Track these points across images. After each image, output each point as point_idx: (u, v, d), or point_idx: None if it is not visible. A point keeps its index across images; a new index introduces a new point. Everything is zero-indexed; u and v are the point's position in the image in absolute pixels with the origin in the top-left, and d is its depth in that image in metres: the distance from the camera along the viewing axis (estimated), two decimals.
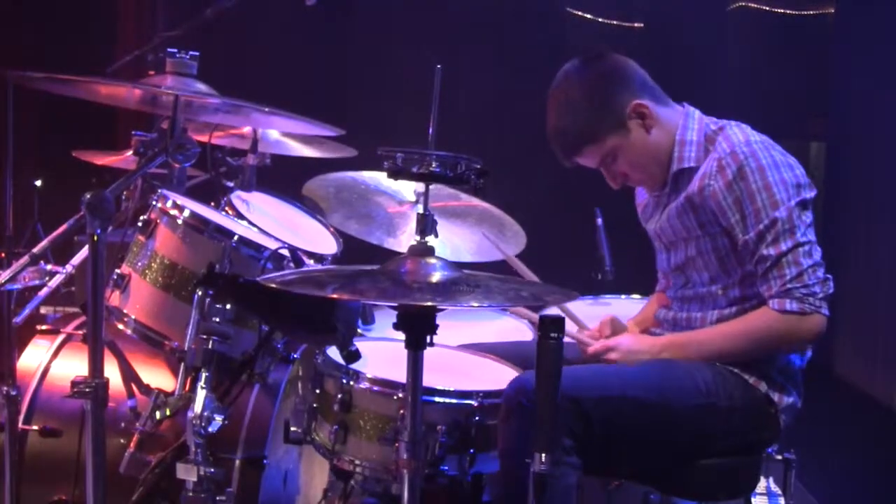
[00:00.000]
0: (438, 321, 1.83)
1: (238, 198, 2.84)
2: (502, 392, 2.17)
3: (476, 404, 2.21)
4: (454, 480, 2.21)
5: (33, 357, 2.70)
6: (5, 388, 2.45)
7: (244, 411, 2.54)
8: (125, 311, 2.39)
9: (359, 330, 2.66)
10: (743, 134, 2.28)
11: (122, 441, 2.41)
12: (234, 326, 2.25)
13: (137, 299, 2.39)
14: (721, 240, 2.28)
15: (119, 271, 2.42)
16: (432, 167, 1.83)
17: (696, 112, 2.38)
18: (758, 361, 2.27)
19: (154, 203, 2.43)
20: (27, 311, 2.54)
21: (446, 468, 2.19)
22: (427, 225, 1.87)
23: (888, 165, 5.10)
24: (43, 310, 3.10)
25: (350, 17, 5.41)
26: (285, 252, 2.39)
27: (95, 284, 2.00)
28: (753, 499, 2.48)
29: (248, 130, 2.98)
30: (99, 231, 1.99)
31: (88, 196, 1.99)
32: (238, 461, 2.49)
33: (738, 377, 2.27)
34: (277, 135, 3.13)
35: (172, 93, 2.32)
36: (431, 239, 1.87)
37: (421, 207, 1.93)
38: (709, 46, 5.34)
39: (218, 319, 2.20)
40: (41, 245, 2.26)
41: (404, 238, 2.95)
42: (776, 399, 2.28)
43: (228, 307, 2.21)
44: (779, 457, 2.59)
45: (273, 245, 2.43)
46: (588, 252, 3.09)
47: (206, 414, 2.13)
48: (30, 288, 2.58)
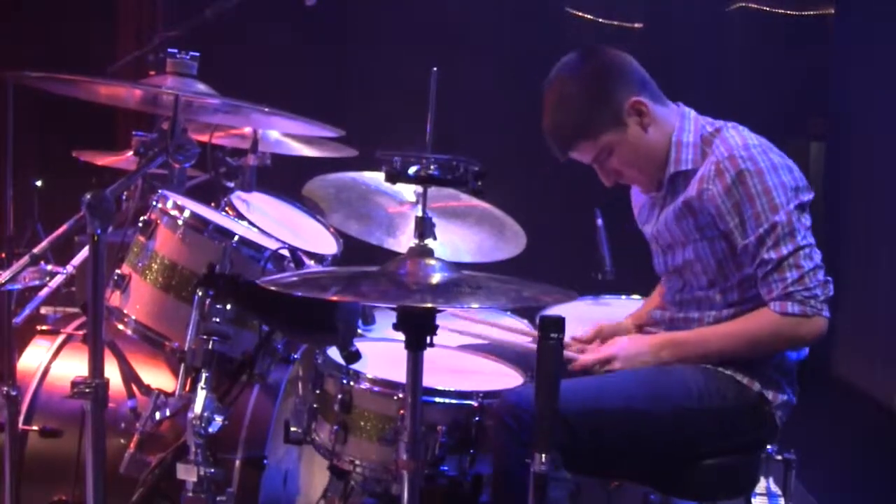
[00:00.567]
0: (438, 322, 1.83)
1: (238, 198, 2.84)
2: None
3: (476, 405, 2.21)
4: (454, 481, 2.21)
5: (33, 357, 2.70)
6: (5, 389, 2.45)
7: (244, 412, 2.54)
8: (125, 312, 2.38)
9: (359, 330, 2.66)
10: (741, 137, 2.25)
11: (123, 441, 2.41)
12: (235, 327, 2.25)
13: (138, 299, 2.39)
14: (719, 243, 2.27)
15: (119, 271, 2.42)
16: (430, 170, 1.83)
17: (692, 112, 2.36)
18: (750, 360, 2.26)
19: (154, 203, 2.42)
20: (27, 312, 2.55)
21: (446, 468, 2.19)
22: (426, 228, 1.87)
23: (888, 165, 5.09)
24: (43, 310, 3.10)
25: (350, 17, 5.41)
26: (285, 252, 2.39)
27: (96, 285, 2.00)
28: (753, 499, 2.48)
29: (249, 131, 2.98)
30: (99, 231, 1.99)
31: (89, 196, 1.99)
32: (238, 461, 2.49)
33: (731, 378, 2.26)
34: (278, 135, 3.13)
35: (173, 93, 2.32)
36: (430, 241, 1.87)
37: (420, 209, 1.93)
38: (709, 47, 5.33)
39: (218, 320, 2.20)
40: (41, 245, 2.25)
41: (404, 238, 2.95)
42: (770, 397, 2.27)
43: (228, 307, 2.21)
44: (778, 457, 2.59)
45: (273, 245, 2.43)
46: (588, 252, 3.08)
47: (207, 414, 2.13)
48: (30, 288, 2.59)
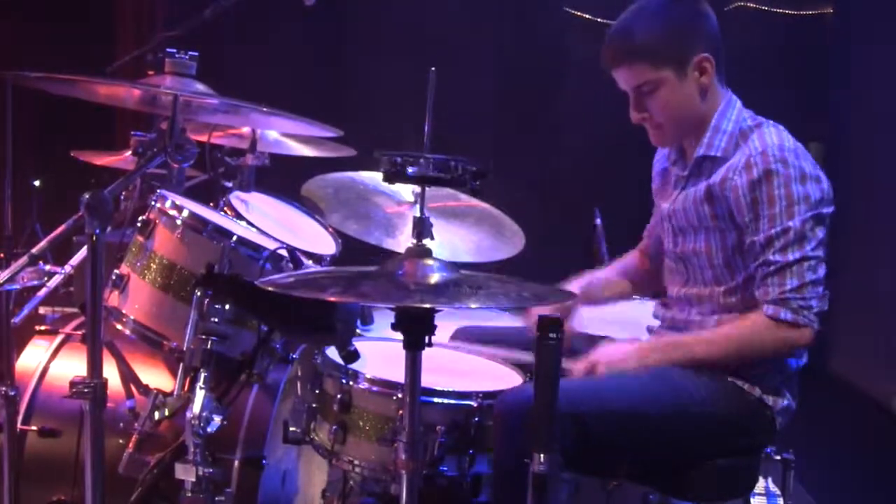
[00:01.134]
0: (437, 321, 1.83)
1: (237, 198, 2.84)
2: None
3: (475, 405, 2.21)
4: (453, 481, 2.21)
5: (32, 357, 2.69)
6: (4, 389, 2.45)
7: (243, 411, 2.54)
8: (124, 312, 2.38)
9: (358, 330, 2.65)
10: (778, 137, 2.23)
11: (121, 441, 2.41)
12: (233, 327, 2.25)
13: (136, 299, 2.38)
14: (730, 236, 2.24)
15: (118, 271, 2.42)
16: (428, 170, 1.82)
17: (738, 102, 2.33)
18: (751, 367, 2.25)
19: (153, 203, 2.42)
20: (26, 312, 2.55)
21: (445, 469, 2.19)
22: (423, 228, 1.86)
23: (888, 165, 5.09)
24: (42, 310, 3.10)
25: (349, 17, 5.41)
26: (284, 252, 2.39)
27: (94, 285, 2.00)
28: (752, 499, 2.47)
29: (247, 130, 2.98)
30: (98, 231, 1.99)
31: (87, 196, 1.99)
32: (237, 461, 2.49)
33: (732, 384, 2.24)
34: (276, 135, 3.13)
35: (171, 93, 2.32)
36: (428, 241, 1.87)
37: (419, 209, 1.93)
38: None
39: (217, 320, 2.20)
40: (40, 245, 2.25)
41: (403, 238, 2.95)
42: (771, 403, 2.26)
43: (227, 307, 2.21)
44: (777, 457, 2.58)
45: (272, 245, 2.43)
46: (587, 252, 3.08)
47: (205, 414, 2.13)
48: (28, 288, 2.58)
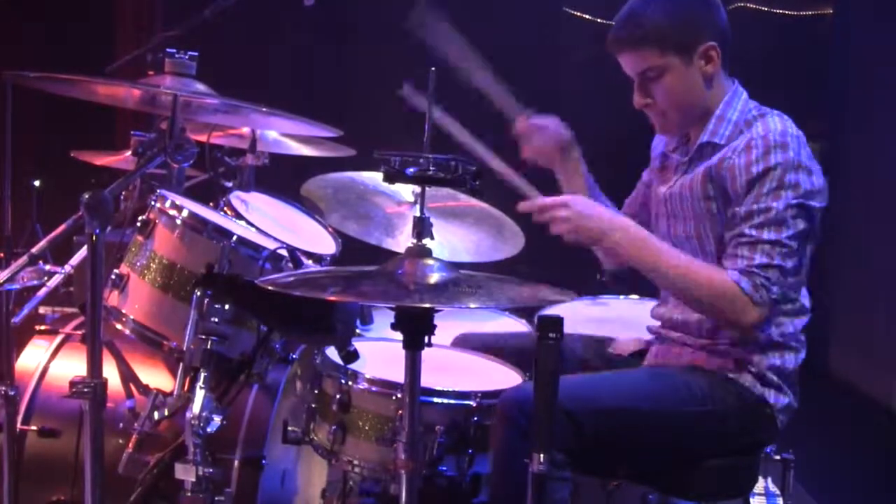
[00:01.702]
0: (436, 321, 1.83)
1: (237, 198, 2.84)
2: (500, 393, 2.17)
3: (474, 405, 2.22)
4: (452, 481, 2.21)
5: (32, 357, 2.70)
6: (4, 389, 2.45)
7: (243, 411, 2.54)
8: (124, 312, 2.38)
9: (357, 330, 2.65)
10: (782, 124, 2.22)
11: (121, 441, 2.41)
12: (233, 327, 2.25)
13: (136, 299, 2.38)
14: (721, 218, 2.22)
15: (118, 271, 2.41)
16: (428, 170, 1.83)
17: (744, 94, 2.32)
18: (750, 364, 2.23)
19: (152, 203, 2.42)
20: (26, 312, 2.54)
21: (445, 469, 2.19)
22: (423, 228, 1.87)
23: (886, 165, 5.10)
24: (42, 310, 3.09)
25: (348, 17, 5.41)
26: (284, 252, 2.39)
27: (94, 285, 2.00)
28: (752, 499, 2.47)
29: (247, 130, 2.98)
30: (98, 231, 1.99)
31: (87, 196, 1.99)
32: (236, 461, 2.49)
33: (733, 382, 2.23)
34: (276, 135, 3.13)
35: (171, 93, 2.32)
36: (428, 241, 1.87)
37: (418, 209, 1.93)
38: None
39: (216, 320, 2.20)
40: (40, 245, 2.25)
41: (402, 238, 2.95)
42: (771, 401, 2.25)
43: (227, 307, 2.21)
44: (777, 457, 2.58)
45: (272, 245, 2.43)
46: (586, 252, 3.08)
47: (205, 414, 2.13)
48: (28, 288, 2.58)
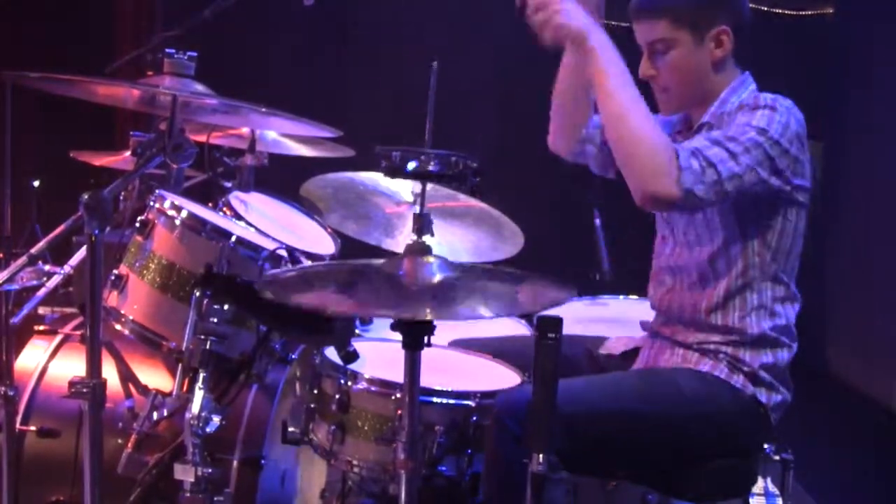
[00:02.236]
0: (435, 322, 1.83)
1: (236, 198, 2.84)
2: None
3: (474, 405, 2.21)
4: (452, 481, 2.21)
5: (31, 357, 2.69)
6: (3, 389, 2.44)
7: (242, 412, 2.54)
8: (123, 312, 2.38)
9: (356, 330, 2.65)
10: (787, 100, 2.19)
11: (120, 441, 2.41)
12: (232, 327, 2.25)
13: (135, 300, 2.38)
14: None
15: (117, 272, 2.41)
16: (429, 166, 1.83)
17: (753, 85, 2.30)
18: (742, 363, 2.22)
19: (151, 203, 2.42)
20: (25, 312, 2.55)
21: (444, 469, 2.19)
22: (424, 224, 1.86)
23: (886, 165, 5.10)
24: (41, 310, 3.09)
25: (348, 17, 5.41)
26: (283, 252, 2.39)
27: (93, 285, 2.00)
28: (751, 499, 2.47)
29: (246, 131, 2.97)
30: (97, 231, 1.99)
31: (86, 196, 1.99)
32: (236, 461, 2.49)
33: (724, 382, 2.22)
34: (275, 135, 3.13)
35: (170, 93, 2.31)
36: (428, 238, 1.87)
37: (418, 207, 1.93)
38: None
39: (216, 320, 2.20)
40: (39, 245, 2.25)
41: (402, 238, 2.95)
42: (764, 400, 2.24)
43: (226, 308, 2.21)
44: (776, 457, 2.58)
45: (271, 245, 2.43)
46: (586, 253, 3.09)
47: (204, 414, 2.13)
48: (28, 288, 2.58)
